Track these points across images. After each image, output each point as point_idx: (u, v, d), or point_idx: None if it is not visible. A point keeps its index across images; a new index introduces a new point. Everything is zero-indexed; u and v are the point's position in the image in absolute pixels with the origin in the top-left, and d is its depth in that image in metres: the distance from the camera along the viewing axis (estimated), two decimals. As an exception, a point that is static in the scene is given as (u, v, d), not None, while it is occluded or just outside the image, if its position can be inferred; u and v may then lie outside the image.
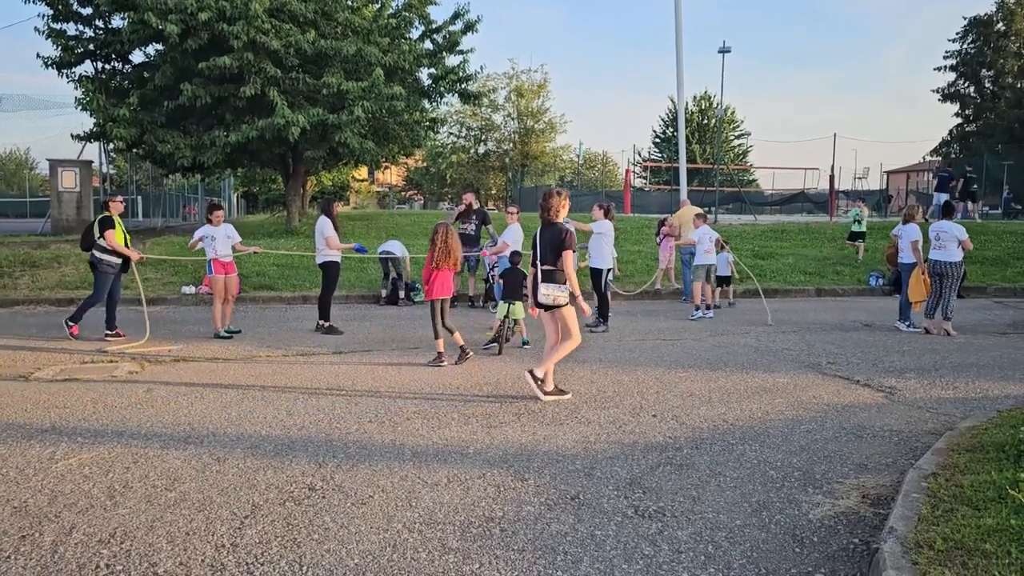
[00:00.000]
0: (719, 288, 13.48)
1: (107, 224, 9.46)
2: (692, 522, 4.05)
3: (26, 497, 4.26)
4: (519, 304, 8.85)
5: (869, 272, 16.39)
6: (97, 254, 9.51)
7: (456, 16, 21.75)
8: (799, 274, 16.42)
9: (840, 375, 7.80)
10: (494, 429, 5.69)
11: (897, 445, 5.44)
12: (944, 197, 20.08)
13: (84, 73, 20.04)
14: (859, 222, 18.36)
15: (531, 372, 6.50)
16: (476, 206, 13.31)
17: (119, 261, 9.61)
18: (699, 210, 14.25)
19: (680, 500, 4.34)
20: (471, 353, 8.23)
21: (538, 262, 6.57)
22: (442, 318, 8.11)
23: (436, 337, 8.10)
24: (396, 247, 13.59)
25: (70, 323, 9.42)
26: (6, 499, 4.23)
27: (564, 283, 6.52)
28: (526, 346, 9.11)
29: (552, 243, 6.52)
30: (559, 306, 6.52)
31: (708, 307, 11.88)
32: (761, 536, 3.89)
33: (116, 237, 9.43)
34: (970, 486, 4.17)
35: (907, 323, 10.81)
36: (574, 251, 6.60)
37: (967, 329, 10.59)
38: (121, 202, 9.99)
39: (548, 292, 6.48)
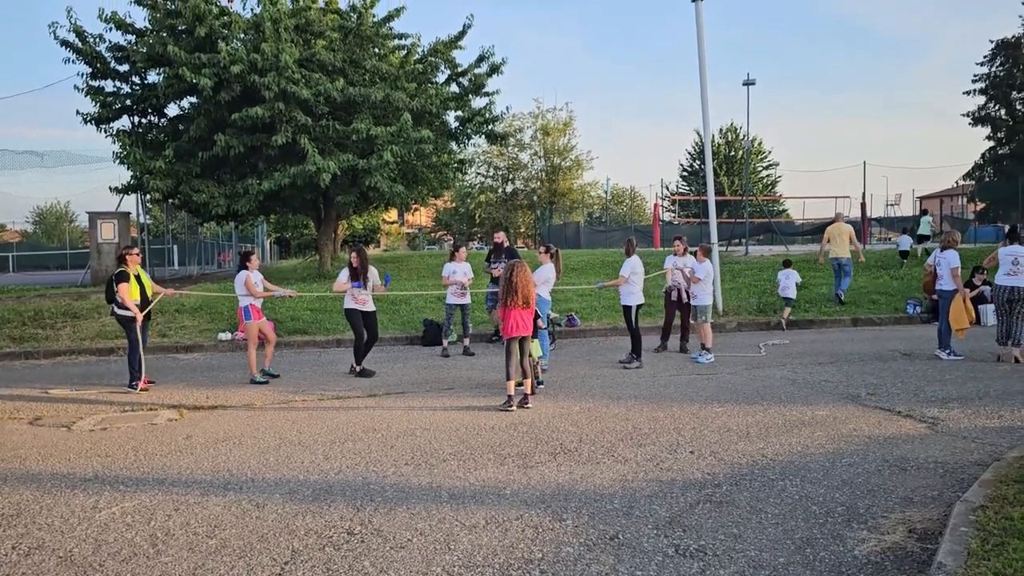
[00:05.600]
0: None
1: (121, 279, 9.43)
2: (734, 560, 3.98)
3: (71, 547, 4.32)
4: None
5: (906, 300, 16.15)
6: (116, 309, 9.52)
7: (481, 59, 22.12)
8: (834, 304, 16.22)
9: (881, 406, 7.66)
10: (530, 469, 5.67)
11: (942, 477, 5.32)
12: None
13: (121, 128, 20.71)
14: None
15: None
16: (506, 244, 13.38)
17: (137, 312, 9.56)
18: (848, 228, 14.42)
19: (721, 538, 4.28)
20: (529, 405, 7.88)
21: None
22: (520, 358, 8.01)
23: (508, 379, 7.91)
24: (459, 273, 12.11)
25: (133, 385, 9.33)
26: (52, 549, 4.29)
27: None
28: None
29: None
30: None
31: (708, 349, 11.00)
32: (806, 574, 3.82)
33: (131, 292, 9.41)
34: (1020, 518, 4.07)
35: (947, 351, 10.60)
36: None
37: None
38: (137, 254, 9.90)
39: None
